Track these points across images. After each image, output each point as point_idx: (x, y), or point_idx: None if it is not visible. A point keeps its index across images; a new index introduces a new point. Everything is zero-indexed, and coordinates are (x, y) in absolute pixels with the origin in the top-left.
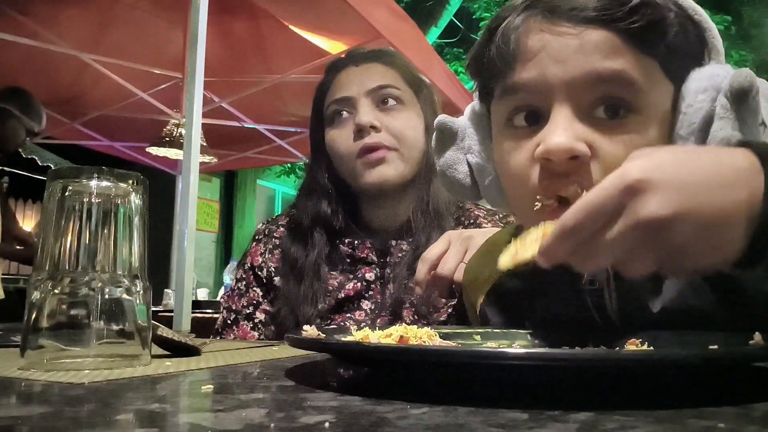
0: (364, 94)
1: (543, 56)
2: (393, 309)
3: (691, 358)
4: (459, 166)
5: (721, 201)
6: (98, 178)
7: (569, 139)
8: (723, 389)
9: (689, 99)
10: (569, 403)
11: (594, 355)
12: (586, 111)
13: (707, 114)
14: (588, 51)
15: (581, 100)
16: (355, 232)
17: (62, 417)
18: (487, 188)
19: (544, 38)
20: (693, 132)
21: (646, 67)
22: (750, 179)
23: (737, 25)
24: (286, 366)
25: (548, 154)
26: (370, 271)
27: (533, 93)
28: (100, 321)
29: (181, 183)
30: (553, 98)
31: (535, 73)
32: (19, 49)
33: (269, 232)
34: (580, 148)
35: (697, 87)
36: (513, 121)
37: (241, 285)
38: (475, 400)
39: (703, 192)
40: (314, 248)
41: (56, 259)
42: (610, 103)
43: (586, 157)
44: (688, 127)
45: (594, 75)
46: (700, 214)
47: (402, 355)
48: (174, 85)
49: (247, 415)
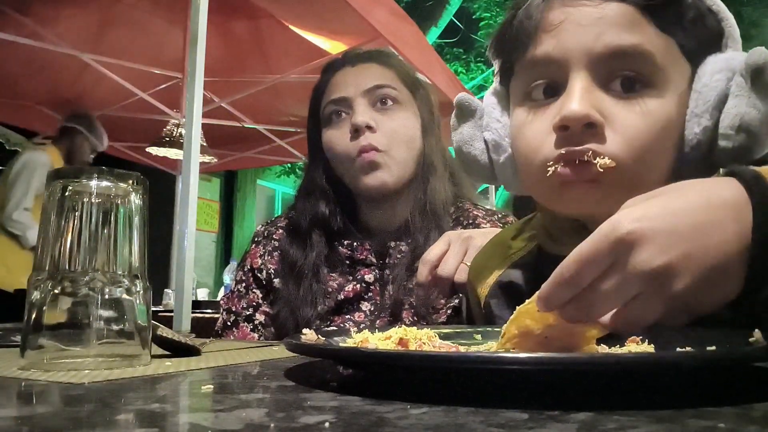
0: (360, 95)
1: (563, 28)
2: (392, 310)
3: (691, 358)
4: (476, 143)
5: (712, 242)
6: (98, 178)
7: (585, 107)
8: (723, 389)
9: (705, 79)
10: (569, 403)
11: (594, 358)
12: (603, 83)
13: (722, 92)
14: (607, 24)
15: (599, 71)
16: (353, 233)
17: (62, 417)
18: (502, 166)
19: (566, 11)
20: (708, 109)
21: (664, 44)
22: (738, 212)
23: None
24: (286, 366)
25: (565, 120)
26: (369, 273)
27: (553, 65)
28: (100, 321)
29: (181, 183)
30: (572, 69)
31: (555, 45)
32: (19, 49)
33: (268, 234)
34: (596, 115)
35: (713, 68)
36: (531, 94)
37: (241, 287)
38: (475, 400)
39: (694, 236)
40: (313, 249)
41: (56, 259)
42: (627, 77)
43: (602, 124)
44: (703, 105)
45: (612, 47)
46: (693, 259)
47: (400, 360)
48: (174, 85)
49: (247, 415)
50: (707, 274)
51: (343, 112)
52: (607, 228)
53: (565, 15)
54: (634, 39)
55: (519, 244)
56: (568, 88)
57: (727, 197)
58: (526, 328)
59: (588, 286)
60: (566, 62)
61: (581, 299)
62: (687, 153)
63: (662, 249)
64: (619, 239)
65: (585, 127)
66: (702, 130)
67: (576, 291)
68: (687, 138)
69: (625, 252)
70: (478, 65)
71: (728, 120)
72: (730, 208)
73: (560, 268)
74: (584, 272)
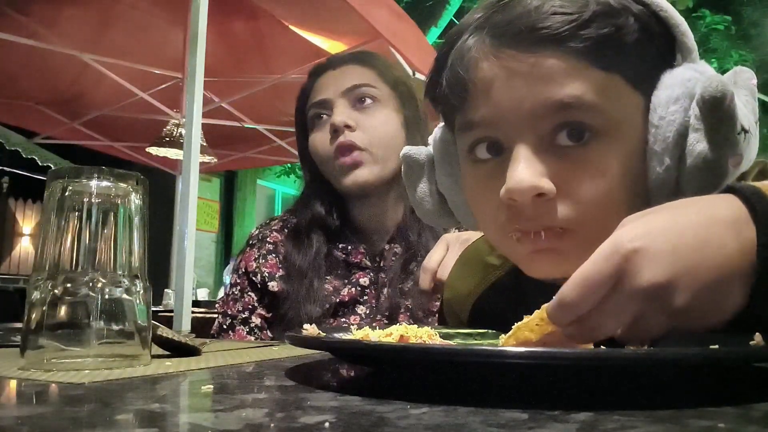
0: (339, 95)
1: (495, 89)
2: (388, 313)
3: (691, 358)
4: (431, 197)
5: (712, 259)
6: (98, 178)
7: (532, 177)
8: (723, 389)
9: (660, 110)
10: (569, 403)
11: (594, 355)
12: (549, 140)
13: (681, 126)
14: (541, 80)
15: (541, 130)
16: (348, 237)
17: (62, 417)
18: (463, 215)
19: (494, 70)
20: (668, 147)
21: (608, 85)
22: (740, 231)
23: (737, 25)
24: (286, 366)
25: (512, 194)
26: (365, 276)
27: (491, 127)
28: (100, 321)
29: (181, 183)
30: (512, 132)
31: (490, 109)
32: (19, 49)
33: (263, 237)
34: (544, 184)
35: (669, 96)
36: (476, 153)
37: (236, 290)
38: (475, 400)
39: (695, 252)
40: (312, 247)
41: (56, 259)
42: (572, 128)
43: (552, 193)
44: (662, 142)
45: (550, 104)
46: (694, 276)
47: (404, 353)
48: (174, 85)
49: (247, 415)
50: (707, 290)
51: (324, 114)
52: (608, 248)
53: (493, 74)
54: (573, 91)
55: (495, 261)
56: (512, 157)
57: (728, 215)
58: (525, 338)
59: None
60: (505, 124)
61: (585, 320)
62: (651, 189)
63: (663, 266)
64: (621, 258)
65: (535, 197)
66: (664, 170)
67: (580, 313)
68: (650, 178)
69: (626, 270)
70: None
71: (692, 160)
72: (730, 225)
73: (563, 290)
74: (588, 295)
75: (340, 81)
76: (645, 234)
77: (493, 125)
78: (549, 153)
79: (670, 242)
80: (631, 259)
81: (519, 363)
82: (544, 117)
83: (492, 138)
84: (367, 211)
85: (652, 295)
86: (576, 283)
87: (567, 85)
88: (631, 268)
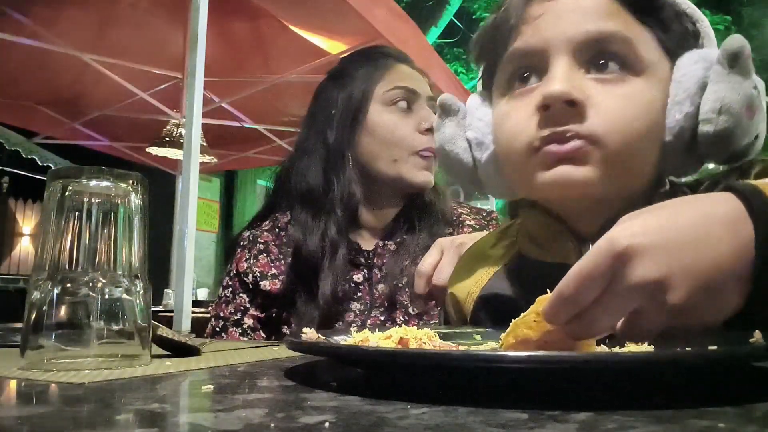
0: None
1: (543, 19)
2: (383, 309)
3: (691, 357)
4: (458, 141)
5: (709, 257)
6: (98, 178)
7: (566, 86)
8: (723, 389)
9: (684, 69)
10: (569, 403)
11: (594, 356)
12: (585, 68)
13: (701, 80)
14: (586, 13)
15: (580, 57)
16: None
17: (62, 417)
18: (485, 165)
19: (545, 5)
20: (689, 96)
21: (642, 34)
22: (737, 229)
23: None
24: (286, 366)
25: (547, 99)
26: (358, 273)
27: (535, 55)
28: (100, 321)
29: (181, 183)
30: (552, 55)
31: (537, 35)
32: (19, 49)
33: (253, 238)
34: (576, 93)
35: (691, 59)
36: (513, 85)
37: (228, 292)
38: (475, 400)
39: (691, 250)
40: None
41: (56, 259)
42: (607, 61)
43: (583, 103)
44: (683, 93)
45: (592, 33)
46: (690, 273)
47: (402, 358)
48: (174, 85)
49: (247, 415)
50: (703, 288)
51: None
52: (604, 244)
53: (545, 9)
54: (613, 26)
55: (498, 252)
56: (549, 72)
57: (725, 212)
58: (525, 335)
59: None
60: (547, 50)
61: (583, 316)
62: (670, 142)
63: (658, 263)
64: (617, 254)
65: (567, 106)
66: (684, 117)
67: (578, 309)
68: (669, 126)
69: (622, 266)
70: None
71: (709, 104)
72: (727, 223)
73: (560, 286)
74: (585, 290)
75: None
76: (641, 231)
77: (538, 53)
78: (583, 75)
79: (665, 239)
80: (626, 255)
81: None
82: (585, 46)
83: (533, 67)
84: (377, 211)
85: (646, 291)
86: (571, 278)
87: (608, 20)
88: (626, 264)
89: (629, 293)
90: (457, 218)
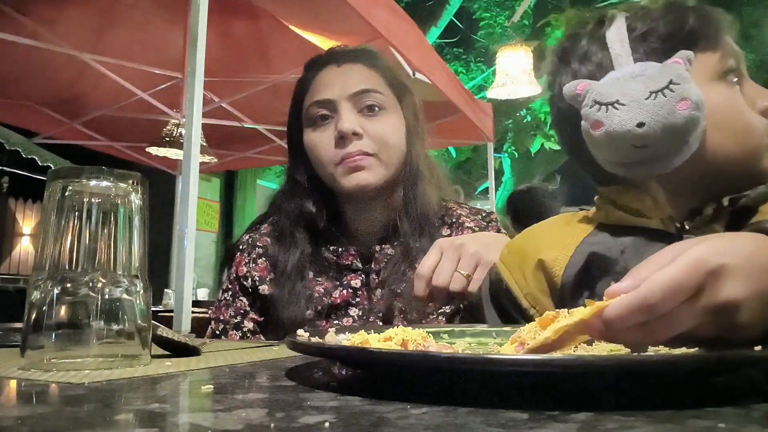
0: (345, 98)
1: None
2: (383, 315)
3: (691, 358)
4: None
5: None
6: (98, 178)
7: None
8: (723, 389)
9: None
10: (569, 403)
11: (594, 359)
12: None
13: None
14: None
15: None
16: (338, 238)
17: (62, 417)
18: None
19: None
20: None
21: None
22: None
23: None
24: (286, 366)
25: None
26: (356, 278)
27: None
28: (100, 321)
29: (181, 183)
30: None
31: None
32: (19, 49)
33: (252, 241)
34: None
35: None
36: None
37: (227, 295)
38: (475, 400)
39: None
40: (297, 248)
41: (56, 259)
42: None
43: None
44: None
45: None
46: (761, 298)
47: (403, 360)
48: (174, 85)
49: (247, 415)
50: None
51: (328, 116)
52: (693, 259)
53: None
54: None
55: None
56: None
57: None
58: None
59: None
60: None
61: (651, 324)
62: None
63: (744, 285)
64: (709, 271)
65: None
66: None
67: (653, 317)
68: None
69: (708, 283)
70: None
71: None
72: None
73: (643, 293)
74: (669, 300)
75: (346, 81)
76: (726, 252)
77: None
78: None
79: (747, 263)
80: (717, 274)
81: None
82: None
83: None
84: (362, 214)
85: (723, 310)
86: (659, 287)
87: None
88: (714, 282)
89: (706, 310)
90: (456, 219)
